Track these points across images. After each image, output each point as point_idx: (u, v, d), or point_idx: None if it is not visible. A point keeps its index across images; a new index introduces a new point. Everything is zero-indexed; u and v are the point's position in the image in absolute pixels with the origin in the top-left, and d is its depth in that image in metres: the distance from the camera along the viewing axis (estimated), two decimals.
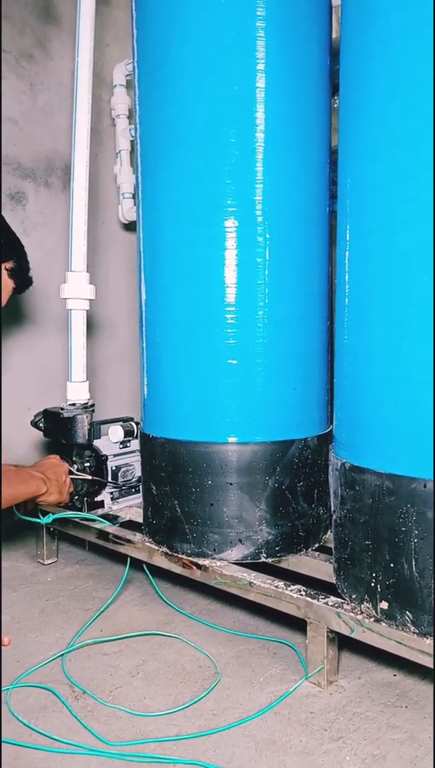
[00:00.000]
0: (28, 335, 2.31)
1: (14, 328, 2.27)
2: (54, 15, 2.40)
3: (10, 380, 2.23)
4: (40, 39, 2.37)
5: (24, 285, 1.58)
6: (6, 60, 2.26)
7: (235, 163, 1.38)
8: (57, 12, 2.41)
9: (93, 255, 2.49)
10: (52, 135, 2.40)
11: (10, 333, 2.24)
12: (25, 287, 1.59)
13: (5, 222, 1.55)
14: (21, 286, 1.57)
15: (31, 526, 1.89)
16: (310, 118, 1.47)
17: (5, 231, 1.53)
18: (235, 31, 1.37)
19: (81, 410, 1.73)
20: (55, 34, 2.41)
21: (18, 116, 2.31)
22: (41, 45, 2.38)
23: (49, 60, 2.41)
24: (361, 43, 1.19)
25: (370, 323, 1.18)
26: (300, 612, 1.28)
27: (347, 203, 1.24)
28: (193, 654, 1.40)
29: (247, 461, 1.43)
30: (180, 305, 1.46)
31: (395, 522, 1.13)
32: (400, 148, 1.11)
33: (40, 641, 1.46)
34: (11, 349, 2.25)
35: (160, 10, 1.45)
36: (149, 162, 1.51)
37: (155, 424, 1.55)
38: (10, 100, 2.27)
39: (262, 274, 1.41)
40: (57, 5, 2.41)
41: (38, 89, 2.38)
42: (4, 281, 1.50)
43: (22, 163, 2.33)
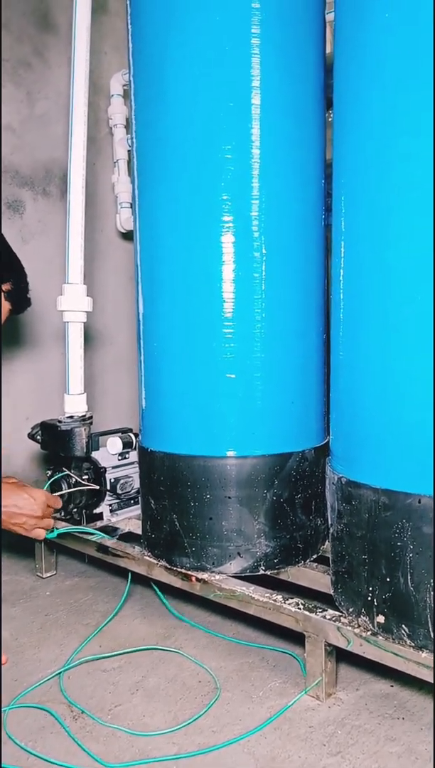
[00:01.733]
0: (26, 344, 2.31)
1: (12, 336, 2.27)
2: (52, 24, 2.41)
3: (8, 390, 2.23)
4: (37, 47, 2.38)
5: (22, 307, 1.55)
6: (4, 68, 2.26)
7: (231, 178, 1.38)
8: (55, 21, 2.42)
9: (91, 263, 2.49)
10: (50, 143, 2.41)
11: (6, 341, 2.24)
12: (22, 309, 1.56)
13: (5, 241, 1.52)
14: (18, 308, 1.54)
15: (29, 539, 1.89)
16: (305, 133, 1.48)
17: (4, 251, 1.50)
18: (230, 47, 1.37)
19: (79, 423, 1.73)
20: (53, 42, 2.42)
21: (16, 124, 2.32)
22: (39, 53, 2.39)
23: (47, 68, 2.41)
24: (354, 59, 1.20)
25: (365, 339, 1.18)
26: (298, 625, 1.28)
27: (342, 219, 1.24)
28: (194, 668, 1.40)
29: (246, 475, 1.43)
30: (178, 319, 1.46)
31: (391, 537, 1.14)
32: (393, 165, 1.11)
33: (39, 658, 1.46)
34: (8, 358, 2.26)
35: (155, 25, 1.45)
36: (146, 176, 1.51)
37: (154, 437, 1.55)
38: (8, 109, 2.27)
39: (259, 288, 1.42)
40: (55, 14, 2.42)
41: (36, 98, 2.39)
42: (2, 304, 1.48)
43: (20, 171, 2.34)
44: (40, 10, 2.37)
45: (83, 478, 1.77)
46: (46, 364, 2.36)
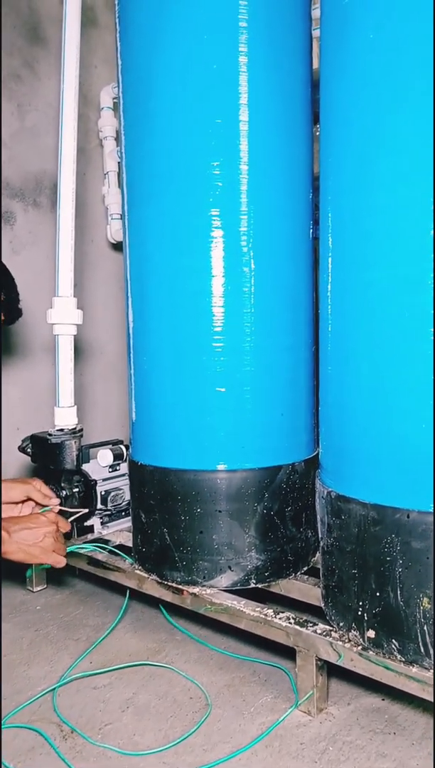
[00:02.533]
0: (16, 355, 2.30)
1: (2, 346, 2.27)
2: (42, 36, 2.42)
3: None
4: (27, 60, 2.38)
5: (13, 317, 1.56)
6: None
7: (219, 194, 1.39)
8: (45, 33, 2.42)
9: (82, 274, 2.49)
10: (40, 155, 2.41)
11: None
12: (14, 320, 1.57)
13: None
14: (10, 319, 1.56)
15: None
16: (293, 148, 1.48)
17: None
18: (218, 65, 1.38)
19: (69, 436, 1.72)
20: (43, 55, 2.42)
21: (6, 137, 2.32)
22: (29, 66, 2.39)
23: (37, 80, 2.42)
24: (338, 78, 1.21)
25: (353, 354, 1.18)
26: (289, 640, 1.28)
27: (329, 236, 1.25)
28: (184, 684, 1.39)
29: (236, 488, 1.43)
30: (168, 333, 1.47)
31: (381, 551, 1.14)
32: (376, 184, 1.12)
33: (29, 676, 1.45)
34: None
35: (143, 43, 1.46)
36: (135, 192, 1.51)
37: (144, 451, 1.55)
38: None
39: (248, 302, 1.42)
40: (45, 27, 2.42)
41: (26, 110, 2.39)
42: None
43: (10, 183, 2.33)
44: (30, 23, 2.38)
45: (74, 491, 1.76)
46: (36, 375, 2.35)
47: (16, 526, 1.33)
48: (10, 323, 1.56)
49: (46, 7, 2.42)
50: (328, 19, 1.26)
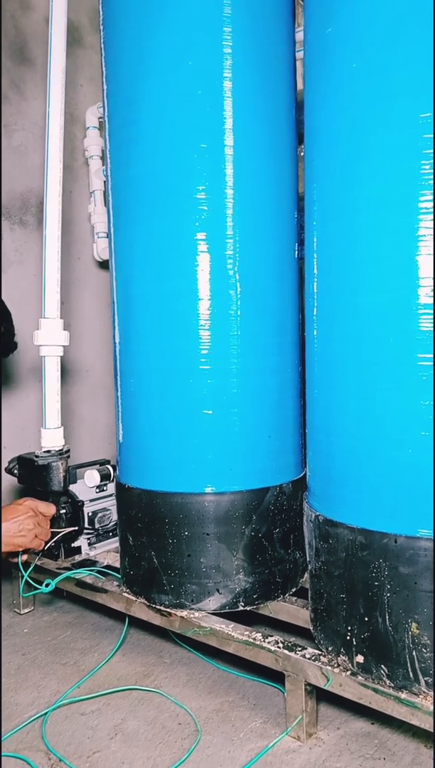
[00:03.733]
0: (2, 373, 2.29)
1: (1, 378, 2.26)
2: (28, 57, 2.43)
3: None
4: (14, 80, 2.39)
5: (9, 349, 1.63)
6: None
7: (205, 219, 1.40)
8: (31, 54, 2.43)
9: (68, 292, 2.49)
10: (26, 173, 2.41)
11: None
12: (10, 351, 1.63)
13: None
14: (6, 350, 1.62)
15: (5, 573, 1.86)
16: (278, 171, 1.50)
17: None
18: (203, 91, 1.39)
19: (56, 457, 1.72)
20: (29, 75, 2.43)
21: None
22: (15, 86, 2.40)
23: (23, 101, 2.42)
24: (322, 102, 1.22)
25: (339, 379, 1.19)
26: (278, 665, 1.28)
27: (314, 260, 1.26)
28: (173, 709, 1.38)
29: (224, 511, 1.43)
30: (154, 356, 1.47)
31: (369, 576, 1.14)
32: (364, 211, 1.13)
33: (16, 702, 1.43)
34: None
35: (128, 68, 1.47)
36: (121, 215, 1.52)
37: (131, 474, 1.55)
38: None
39: (235, 325, 1.43)
40: (31, 47, 2.43)
41: (13, 129, 2.39)
42: None
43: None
44: (16, 43, 2.39)
45: (61, 513, 1.75)
46: (21, 393, 2.34)
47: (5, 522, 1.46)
48: (5, 356, 1.59)
49: (32, 28, 2.43)
50: (311, 46, 1.28)
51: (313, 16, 1.26)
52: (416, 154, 1.07)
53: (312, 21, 1.27)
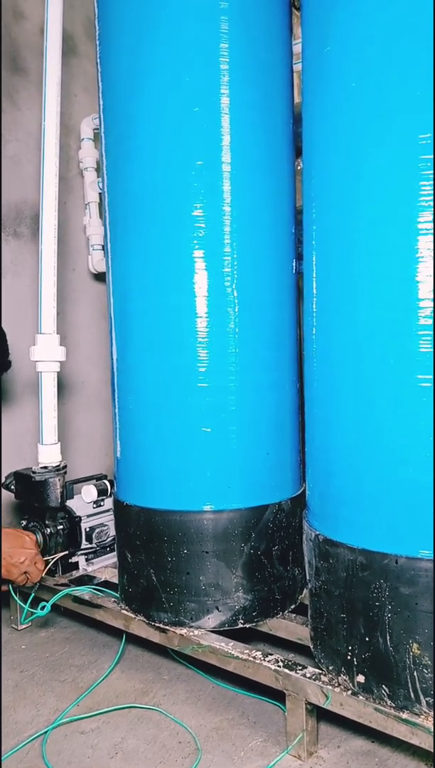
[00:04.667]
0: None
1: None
2: (22, 66, 2.42)
3: None
4: (8, 90, 2.38)
5: (3, 368, 1.65)
6: None
7: (203, 237, 1.40)
8: (24, 63, 2.42)
9: (63, 302, 2.48)
10: (21, 184, 2.40)
11: None
12: (4, 370, 1.66)
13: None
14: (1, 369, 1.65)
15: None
16: (276, 186, 1.50)
17: None
18: (200, 108, 1.39)
19: (53, 473, 1.71)
20: (23, 85, 2.42)
21: None
22: (9, 96, 2.39)
23: (17, 111, 2.41)
24: (320, 119, 1.23)
25: (339, 399, 1.20)
26: (278, 684, 1.28)
27: (313, 278, 1.27)
28: (173, 727, 1.38)
29: (222, 529, 1.43)
30: (152, 373, 1.47)
31: (369, 596, 1.15)
32: (363, 230, 1.14)
33: (15, 720, 1.42)
34: None
35: (123, 84, 1.48)
36: (118, 231, 1.52)
37: (129, 491, 1.54)
38: None
39: (233, 342, 1.43)
40: (24, 57, 2.42)
41: (7, 140, 2.38)
42: None
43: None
44: (9, 53, 2.38)
45: (58, 529, 1.74)
46: (18, 407, 2.33)
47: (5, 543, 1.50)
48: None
49: (25, 37, 2.42)
50: (309, 63, 1.28)
51: (311, 33, 1.27)
52: (415, 174, 1.08)
53: (310, 39, 1.27)
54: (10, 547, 1.52)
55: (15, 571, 1.53)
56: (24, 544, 1.56)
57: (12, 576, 1.53)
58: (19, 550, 1.53)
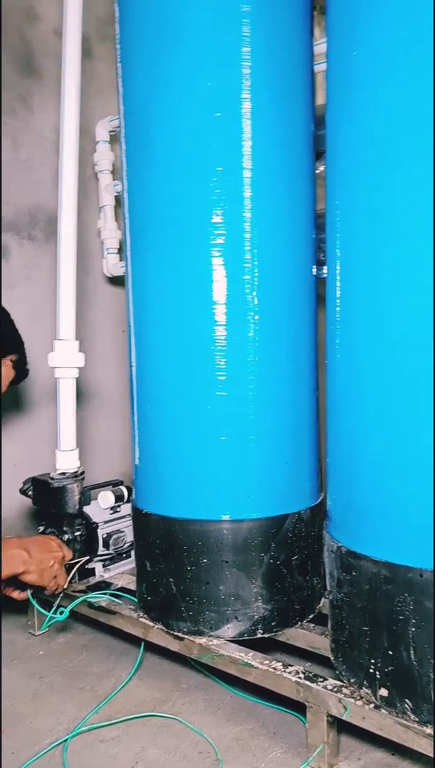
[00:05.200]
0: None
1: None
2: (35, 69, 2.41)
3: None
4: (21, 94, 2.38)
5: (23, 376, 1.68)
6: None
7: (223, 244, 1.39)
8: (38, 66, 2.42)
9: (78, 306, 2.48)
10: (34, 188, 2.40)
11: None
12: (23, 378, 1.68)
13: (10, 317, 1.65)
14: (20, 377, 1.66)
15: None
16: (297, 191, 1.49)
17: (11, 326, 1.64)
18: (222, 113, 1.38)
19: (71, 480, 1.71)
20: (36, 88, 2.41)
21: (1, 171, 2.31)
22: (23, 99, 2.38)
23: (30, 114, 2.41)
24: (347, 128, 1.21)
25: (364, 410, 1.19)
26: (299, 696, 1.28)
27: (337, 288, 1.25)
28: (193, 738, 1.38)
29: (242, 539, 1.42)
30: (171, 382, 1.46)
31: (393, 610, 1.14)
32: (391, 243, 1.12)
33: (35, 728, 1.43)
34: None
35: (145, 89, 1.46)
36: (137, 239, 1.51)
37: (148, 499, 1.54)
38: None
39: (252, 350, 1.42)
40: (38, 59, 2.42)
41: (20, 143, 2.38)
42: (7, 372, 1.61)
43: (5, 217, 2.32)
44: (23, 56, 2.37)
45: (76, 535, 1.75)
46: (33, 411, 2.33)
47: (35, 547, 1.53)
48: (18, 382, 1.63)
49: (39, 39, 2.41)
50: (335, 68, 1.26)
51: (337, 37, 1.25)
52: None
53: (336, 42, 1.25)
54: (40, 553, 1.53)
55: (47, 576, 1.54)
56: (51, 548, 1.57)
57: (44, 582, 1.54)
58: (47, 555, 1.55)
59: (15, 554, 1.48)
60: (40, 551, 1.55)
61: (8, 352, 1.60)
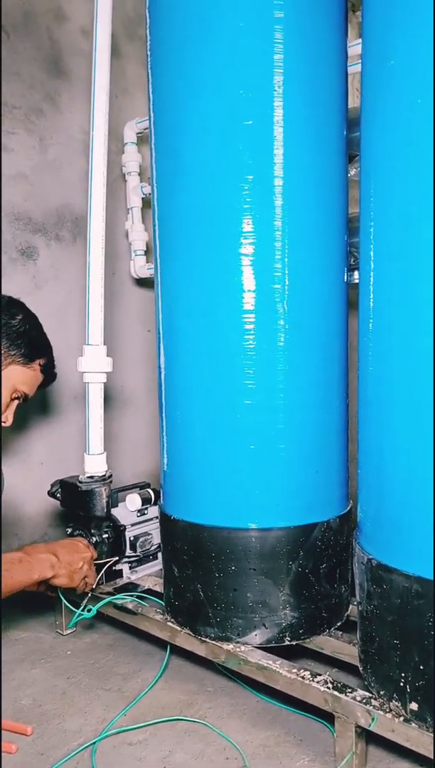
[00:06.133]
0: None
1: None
2: (63, 70, 2.41)
3: (23, 438, 2.22)
4: (49, 93, 2.38)
5: (51, 380, 1.70)
6: (16, 116, 2.27)
7: (253, 253, 1.38)
8: (66, 66, 2.42)
9: (105, 305, 2.49)
10: (61, 188, 2.40)
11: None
12: (51, 381, 1.71)
13: (38, 321, 1.67)
14: (48, 381, 1.69)
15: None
16: (328, 198, 1.47)
17: (40, 331, 1.66)
18: (254, 121, 1.37)
19: (99, 483, 1.73)
20: (64, 88, 2.42)
21: (28, 171, 2.32)
22: (50, 99, 2.39)
23: (58, 114, 2.41)
24: (380, 135, 1.20)
25: (395, 426, 1.18)
26: (328, 706, 1.28)
27: (370, 299, 1.24)
28: (219, 742, 1.39)
29: (270, 547, 1.43)
30: (200, 390, 1.46)
31: (425, 625, 1.13)
32: (424, 254, 1.11)
33: (63, 729, 1.45)
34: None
35: (176, 95, 1.46)
36: (166, 245, 1.51)
37: (176, 505, 1.55)
38: (21, 156, 2.27)
39: (282, 359, 1.42)
40: (66, 60, 2.42)
41: (48, 143, 2.38)
42: (36, 376, 1.63)
43: (32, 217, 2.33)
44: (51, 56, 2.37)
45: (104, 537, 1.77)
46: (59, 412, 2.35)
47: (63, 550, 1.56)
48: (46, 386, 1.64)
49: (67, 39, 2.41)
50: (370, 76, 1.24)
51: (372, 45, 1.23)
52: None
53: (372, 50, 1.24)
54: (69, 555, 1.56)
55: (77, 578, 1.57)
56: (79, 550, 1.60)
57: (74, 583, 1.58)
58: (76, 556, 1.57)
59: (44, 558, 1.50)
60: (69, 553, 1.57)
61: (37, 356, 1.62)
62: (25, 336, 1.59)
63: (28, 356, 1.60)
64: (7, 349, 1.56)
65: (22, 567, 1.46)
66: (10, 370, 1.57)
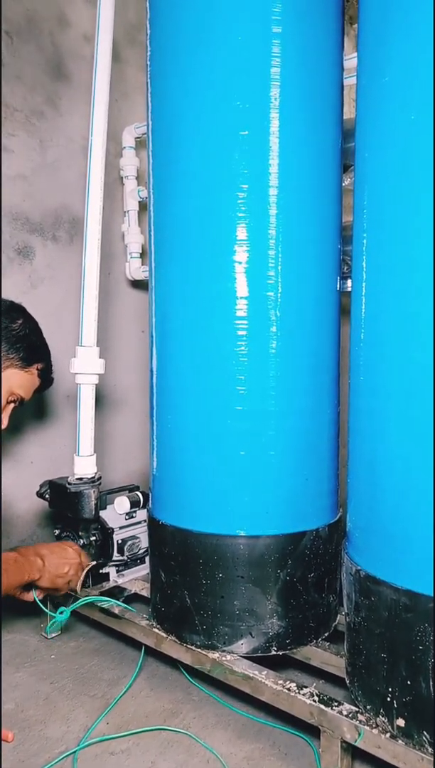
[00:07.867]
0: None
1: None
2: (65, 73, 2.41)
3: (14, 436, 2.21)
4: (50, 96, 2.38)
5: (47, 384, 1.69)
6: (17, 118, 2.26)
7: (247, 261, 1.37)
8: (67, 70, 2.42)
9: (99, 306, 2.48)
10: (60, 189, 2.40)
11: None
12: (47, 386, 1.69)
13: (38, 326, 1.66)
14: (45, 386, 1.67)
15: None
16: (323, 208, 1.46)
17: (39, 336, 1.65)
18: (250, 131, 1.36)
19: (88, 485, 1.71)
20: (65, 91, 2.41)
21: (28, 172, 2.31)
22: (51, 102, 2.38)
23: (58, 116, 2.41)
24: (374, 148, 1.19)
25: (388, 438, 1.16)
26: (313, 719, 1.26)
27: (362, 310, 1.23)
28: (203, 754, 1.37)
29: (258, 554, 1.41)
30: (192, 395, 1.45)
31: (413, 639, 1.12)
32: (419, 269, 1.10)
33: (45, 736, 1.43)
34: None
35: (172, 105, 1.45)
36: (161, 251, 1.50)
37: (165, 510, 1.53)
38: (21, 157, 2.27)
39: (274, 366, 1.40)
40: (67, 64, 2.42)
41: (48, 145, 2.38)
42: (33, 380, 1.62)
43: (30, 218, 2.32)
44: (53, 60, 2.37)
45: (91, 540, 1.75)
46: (52, 414, 2.34)
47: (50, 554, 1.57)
48: (42, 390, 1.65)
49: (69, 44, 2.41)
50: (365, 91, 1.23)
51: (368, 60, 1.23)
52: None
53: (366, 63, 1.23)
54: (56, 559, 1.57)
55: (60, 582, 1.59)
56: (66, 555, 1.60)
57: (58, 585, 1.59)
58: (62, 561, 1.58)
59: (32, 561, 1.50)
60: (55, 558, 1.56)
61: (35, 360, 1.61)
62: (25, 340, 1.58)
63: (26, 360, 1.59)
64: (6, 352, 1.55)
65: (17, 567, 1.47)
66: (8, 374, 1.56)
